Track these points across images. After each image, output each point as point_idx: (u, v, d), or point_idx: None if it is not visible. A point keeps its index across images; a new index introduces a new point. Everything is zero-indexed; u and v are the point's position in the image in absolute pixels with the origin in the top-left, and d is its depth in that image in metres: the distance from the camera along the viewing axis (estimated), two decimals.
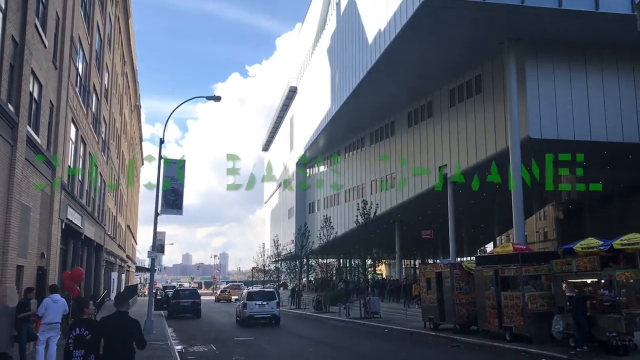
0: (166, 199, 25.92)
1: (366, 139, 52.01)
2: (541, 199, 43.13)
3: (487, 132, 33.11)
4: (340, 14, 46.69)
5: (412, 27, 28.86)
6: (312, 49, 60.12)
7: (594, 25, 27.48)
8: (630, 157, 32.65)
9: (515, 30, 28.49)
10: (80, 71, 24.39)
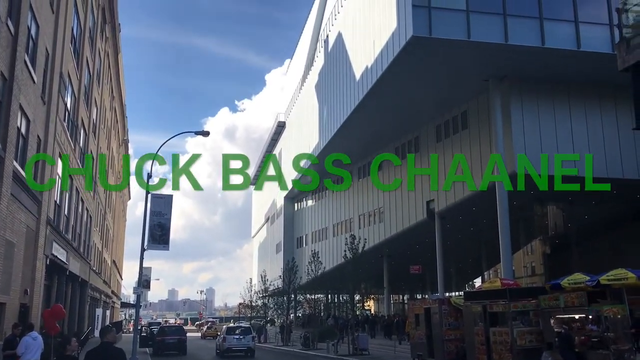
0: (153, 234, 25.71)
1: (354, 173, 52.21)
2: (528, 233, 43.31)
3: (473, 167, 33.42)
4: (328, 51, 47.41)
5: (399, 64, 29.34)
6: (300, 84, 60.80)
7: (577, 63, 28.14)
8: (614, 192, 33.01)
9: (499, 68, 29.09)
10: (69, 106, 24.44)
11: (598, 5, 28.06)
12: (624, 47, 15.34)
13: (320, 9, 55.14)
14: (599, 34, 27.47)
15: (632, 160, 30.11)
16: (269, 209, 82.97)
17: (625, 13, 17.35)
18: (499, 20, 26.79)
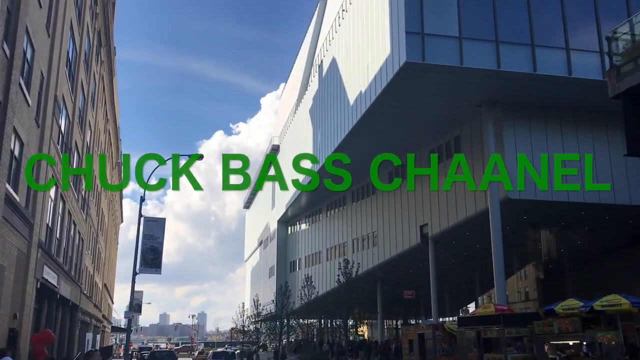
0: (145, 258, 25.56)
1: (348, 197, 52.24)
2: (522, 258, 43.27)
3: (466, 192, 33.51)
4: (322, 76, 47.77)
5: (392, 89, 29.57)
6: (295, 108, 61.10)
7: (568, 89, 28.46)
8: (607, 218, 33.16)
9: (492, 94, 29.37)
10: (63, 129, 24.44)
11: (589, 33, 28.49)
12: (615, 74, 15.55)
13: (314, 34, 55.74)
14: (589, 61, 27.83)
15: (624, 186, 30.27)
16: (262, 232, 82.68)
17: (615, 41, 17.63)
18: (491, 46, 27.12)
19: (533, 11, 28.08)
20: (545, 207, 30.68)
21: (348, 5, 38.91)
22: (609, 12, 28.48)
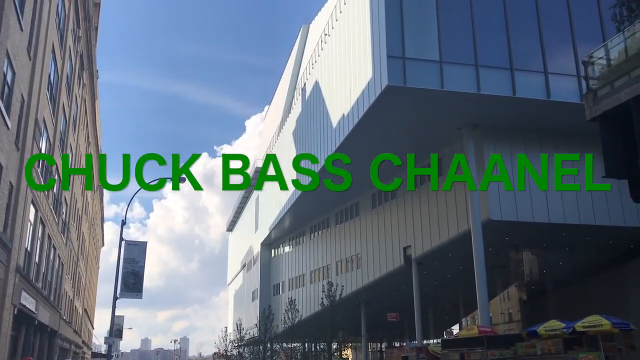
0: (126, 282, 25.24)
1: (331, 219, 52.22)
2: (504, 279, 43.46)
3: (449, 213, 33.70)
4: (305, 99, 48.05)
5: (375, 112, 29.83)
6: (278, 131, 61.26)
7: (547, 112, 28.93)
8: (587, 239, 33.51)
9: (472, 116, 29.75)
10: (43, 152, 24.23)
11: (566, 57, 29.08)
12: (591, 97, 15.85)
13: (298, 57, 56.20)
14: (567, 85, 28.36)
15: (603, 207, 30.66)
16: (246, 255, 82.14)
17: (592, 65, 18.01)
18: (471, 70, 27.55)
19: (512, 36, 28.64)
20: (526, 228, 30.94)
21: (330, 30, 39.36)
22: (585, 36, 29.13)
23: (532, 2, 29.42)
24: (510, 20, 28.76)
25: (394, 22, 27.54)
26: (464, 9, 28.50)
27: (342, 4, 36.03)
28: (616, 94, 14.71)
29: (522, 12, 29.26)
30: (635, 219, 30.74)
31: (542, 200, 30.11)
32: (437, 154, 34.85)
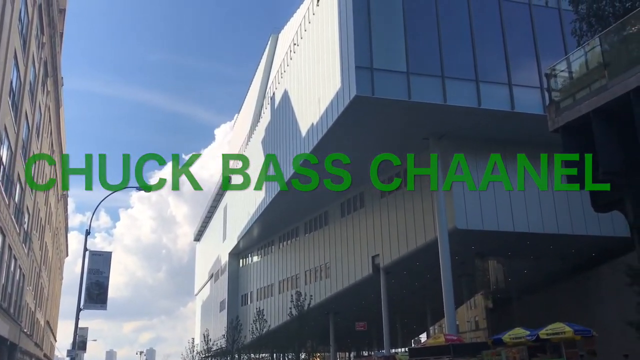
0: (90, 293, 24.73)
1: (300, 228, 52.14)
2: (471, 288, 43.99)
3: (416, 222, 34.01)
4: (274, 108, 48.03)
5: (343, 122, 30.00)
6: (247, 140, 61.03)
7: (511, 123, 29.53)
8: (551, 247, 34.20)
9: (439, 127, 30.17)
10: (5, 160, 23.62)
11: (530, 70, 29.77)
12: (554, 109, 16.25)
13: (267, 67, 56.17)
14: (531, 96, 29.02)
15: (566, 216, 31.36)
16: (213, 265, 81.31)
17: (554, 78, 18.47)
18: (437, 82, 27.96)
19: (477, 48, 29.19)
20: (492, 237, 31.44)
21: (299, 40, 39.49)
22: (548, 50, 29.87)
23: (497, 16, 30.08)
24: (475, 34, 29.34)
25: (362, 34, 27.81)
26: (431, 22, 28.96)
27: (311, 15, 36.22)
28: (577, 106, 15.11)
29: (487, 26, 29.88)
30: (596, 228, 31.52)
31: (507, 210, 30.65)
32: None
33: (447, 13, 29.31)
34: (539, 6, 29.20)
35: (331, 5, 31.67)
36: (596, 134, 14.38)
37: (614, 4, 19.60)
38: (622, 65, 14.86)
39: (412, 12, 28.79)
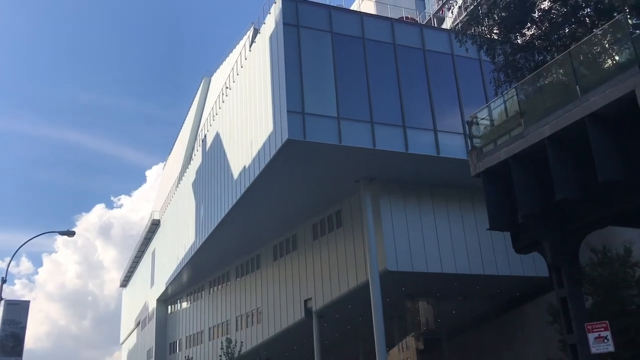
0: (4, 346, 23.15)
1: (232, 273, 51.23)
2: (402, 329, 44.34)
3: (348, 265, 34.23)
4: (206, 150, 47.66)
5: (275, 165, 30.13)
6: (177, 182, 59.99)
7: (437, 167, 30.61)
8: (477, 288, 35.17)
9: (369, 170, 30.85)
10: None
11: (454, 117, 31.12)
12: (475, 155, 17.03)
13: (199, 109, 55.94)
14: (455, 142, 30.25)
15: (491, 258, 32.46)
16: (140, 312, 78.16)
17: (476, 125, 19.40)
18: (367, 127, 28.73)
19: (404, 96, 30.31)
20: (421, 279, 32.07)
21: (232, 83, 39.72)
22: (470, 97, 31.40)
23: (422, 65, 31.47)
24: (402, 82, 30.51)
25: (294, 79, 28.33)
26: (360, 69, 29.93)
27: (243, 59, 36.63)
28: (497, 152, 15.90)
29: (414, 74, 31.19)
30: (519, 269, 32.76)
31: (435, 251, 31.45)
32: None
33: (375, 61, 30.39)
34: (461, 56, 30.74)
35: (263, 51, 32.18)
36: (515, 179, 15.15)
37: (527, 57, 20.99)
38: (537, 114, 15.86)
39: (342, 60, 29.67)
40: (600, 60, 15.51)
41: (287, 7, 29.49)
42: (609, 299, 22.83)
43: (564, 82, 15.78)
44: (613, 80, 13.37)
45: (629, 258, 24.22)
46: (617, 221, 17.02)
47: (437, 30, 35.99)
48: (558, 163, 14.24)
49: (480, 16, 21.92)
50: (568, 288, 14.80)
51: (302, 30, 29.34)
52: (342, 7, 34.05)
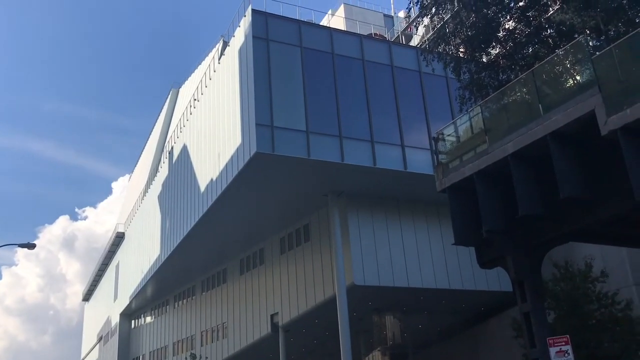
0: None
1: (197, 287, 50.56)
2: (368, 344, 44.31)
3: (315, 279, 34.14)
4: (172, 162, 47.14)
5: (243, 178, 29.97)
6: (142, 194, 59.11)
7: (405, 182, 30.90)
8: (443, 302, 35.45)
9: (337, 184, 30.96)
10: None
11: (421, 132, 31.49)
12: (441, 170, 17.24)
13: (166, 120, 55.36)
14: (422, 157, 30.57)
15: (456, 272, 32.81)
16: (103, 327, 76.41)
17: (443, 141, 19.66)
18: (335, 141, 28.87)
19: (372, 111, 30.60)
20: (388, 293, 32.18)
21: (200, 95, 39.48)
22: (437, 114, 31.88)
23: (390, 81, 31.86)
24: (371, 97, 30.81)
25: (263, 92, 28.33)
26: (329, 84, 30.12)
27: (212, 72, 36.48)
28: (462, 168, 16.13)
29: (382, 90, 31.52)
30: (484, 283, 33.18)
31: (402, 266, 31.63)
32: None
33: (344, 76, 30.65)
34: (428, 74, 31.19)
35: (232, 63, 32.12)
36: (479, 194, 15.37)
37: (492, 75, 21.44)
38: (501, 131, 16.16)
39: (311, 74, 29.82)
40: (562, 80, 15.92)
41: (257, 21, 29.55)
42: (570, 313, 23.25)
43: (527, 100, 16.13)
44: (574, 99, 13.73)
45: (589, 273, 24.76)
46: (578, 237, 17.41)
47: (405, 48, 36.52)
48: (521, 179, 14.51)
49: (447, 35, 22.35)
50: (531, 303, 15.03)
51: (271, 44, 29.42)
52: (312, 22, 34.38)
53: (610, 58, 13.95)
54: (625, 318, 23.51)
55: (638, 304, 26.46)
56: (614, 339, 22.60)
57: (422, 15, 24.08)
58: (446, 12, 22.90)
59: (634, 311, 24.58)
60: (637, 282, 28.49)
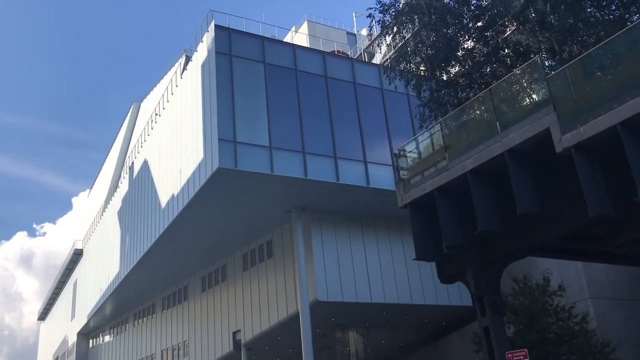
0: None
1: (157, 304, 49.59)
2: None
3: (278, 295, 33.88)
4: (133, 178, 46.36)
5: (205, 194, 29.66)
6: (102, 210, 57.87)
7: (367, 198, 31.06)
8: (405, 317, 35.62)
9: (300, 200, 30.90)
10: None
11: (383, 149, 31.80)
12: (402, 186, 17.42)
13: (127, 135, 54.50)
14: (385, 173, 30.79)
15: (418, 287, 33.05)
16: (59, 347, 74.10)
17: (404, 157, 19.91)
18: (298, 157, 28.88)
19: (335, 127, 30.74)
20: (351, 309, 32.17)
21: (161, 110, 39.06)
22: (398, 130, 32.25)
23: (353, 98, 32.14)
24: (334, 113, 30.99)
25: (226, 108, 28.19)
26: (292, 99, 30.19)
27: (174, 86, 36.18)
28: (423, 184, 16.33)
29: (345, 106, 31.75)
30: (445, 299, 33.50)
31: (365, 281, 31.69)
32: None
33: (307, 92, 30.77)
34: (390, 91, 31.58)
35: (195, 78, 31.92)
36: (439, 210, 15.57)
37: (451, 93, 21.89)
38: (460, 148, 16.44)
39: (274, 90, 29.84)
40: (518, 99, 16.34)
41: (220, 36, 29.48)
42: (529, 327, 23.65)
43: (486, 118, 16.48)
44: (530, 117, 14.11)
45: (547, 287, 25.27)
46: (536, 252, 17.80)
47: (367, 65, 36.89)
48: (480, 196, 14.77)
49: (408, 53, 22.73)
50: (490, 317, 15.24)
51: (234, 59, 29.37)
52: (275, 39, 34.46)
53: (564, 78, 14.40)
54: (581, 331, 24.03)
55: (594, 317, 27.12)
56: (571, 351, 23.06)
57: (383, 34, 24.46)
58: (407, 31, 23.30)
59: (590, 324, 25.19)
60: (593, 295, 29.18)
